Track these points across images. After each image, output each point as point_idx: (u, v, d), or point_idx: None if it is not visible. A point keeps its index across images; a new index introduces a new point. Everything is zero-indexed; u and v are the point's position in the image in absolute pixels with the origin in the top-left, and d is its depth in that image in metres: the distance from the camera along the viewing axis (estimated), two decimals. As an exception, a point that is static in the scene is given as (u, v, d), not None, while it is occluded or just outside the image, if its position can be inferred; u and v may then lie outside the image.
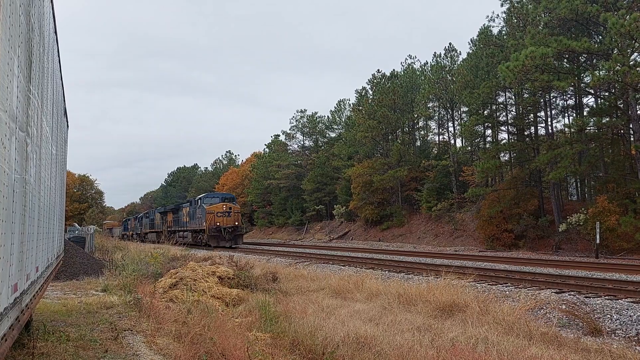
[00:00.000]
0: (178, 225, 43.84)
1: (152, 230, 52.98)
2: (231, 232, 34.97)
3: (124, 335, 7.22)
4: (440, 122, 46.88)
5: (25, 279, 3.44)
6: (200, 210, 37.00)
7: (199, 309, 8.78)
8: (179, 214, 44.07)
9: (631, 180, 24.68)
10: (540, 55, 22.20)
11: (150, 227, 54.05)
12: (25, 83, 3.15)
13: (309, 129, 60.25)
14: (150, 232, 53.32)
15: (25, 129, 3.18)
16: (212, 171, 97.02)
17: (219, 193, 42.48)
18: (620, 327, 8.62)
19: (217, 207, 35.78)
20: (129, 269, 13.87)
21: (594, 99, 29.81)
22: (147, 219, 56.84)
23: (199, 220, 37.09)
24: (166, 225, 46.89)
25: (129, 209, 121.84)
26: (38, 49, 3.85)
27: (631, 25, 19.93)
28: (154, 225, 52.79)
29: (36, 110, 3.86)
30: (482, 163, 30.26)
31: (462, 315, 9.26)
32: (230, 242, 34.67)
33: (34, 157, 3.83)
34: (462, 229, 35.68)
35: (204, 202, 36.96)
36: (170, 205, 53.25)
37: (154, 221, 52.95)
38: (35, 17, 3.56)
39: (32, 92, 3.51)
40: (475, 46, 35.70)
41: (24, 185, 3.18)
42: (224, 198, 38.10)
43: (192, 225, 39.14)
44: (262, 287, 12.20)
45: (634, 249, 22.11)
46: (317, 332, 7.49)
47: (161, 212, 50.86)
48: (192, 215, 39.40)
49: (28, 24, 3.18)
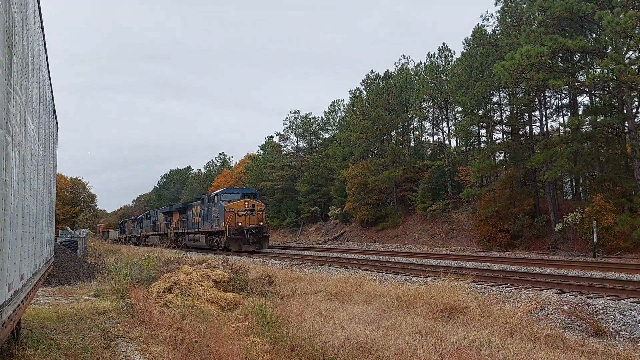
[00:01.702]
0: (186, 227, 38.99)
1: (154, 233, 48.66)
2: (255, 234, 29.87)
3: (117, 342, 6.97)
4: (434, 122, 46.82)
5: (6, 289, 3.20)
6: (217, 208, 31.82)
7: (194, 314, 8.54)
8: (187, 214, 39.19)
9: (627, 179, 24.63)
10: (535, 53, 22.10)
11: (152, 230, 49.66)
12: (5, 76, 2.91)
13: (302, 130, 60.03)
14: (152, 235, 48.88)
15: (4, 126, 2.94)
16: (205, 173, 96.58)
17: (239, 188, 36.37)
18: (625, 328, 8.46)
19: (237, 205, 30.51)
20: (122, 273, 13.59)
21: (589, 97, 29.79)
22: (148, 221, 52.26)
23: (216, 220, 32.01)
24: (172, 227, 42.64)
25: (121, 212, 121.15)
26: (20, 42, 3.62)
27: (626, 23, 19.87)
28: (156, 227, 48.52)
29: (19, 107, 3.62)
30: (477, 163, 30.17)
31: (463, 317, 9.08)
32: (254, 246, 29.71)
33: (17, 157, 3.59)
34: (457, 229, 35.57)
35: (222, 199, 31.60)
36: (176, 205, 48.76)
37: (157, 223, 48.50)
38: (16, 7, 3.33)
39: (14, 87, 3.27)
40: (469, 46, 35.61)
41: (3, 187, 2.94)
42: (244, 194, 32.68)
43: (206, 226, 33.96)
44: (258, 290, 11.97)
45: (630, 248, 22.05)
46: (316, 336, 7.28)
47: (165, 212, 46.09)
48: (205, 215, 34.27)
49: (7, 12, 2.95)
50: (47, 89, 7.30)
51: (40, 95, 5.86)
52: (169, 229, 43.05)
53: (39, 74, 5.62)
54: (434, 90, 40.47)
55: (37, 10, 5.08)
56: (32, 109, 4.85)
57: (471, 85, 31.24)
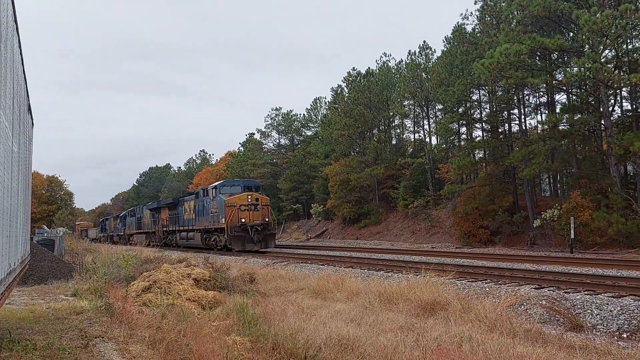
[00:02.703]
0: (178, 224, 35.92)
1: (139, 231, 45.83)
2: (260, 232, 26.91)
3: (95, 342, 6.85)
4: (415, 120, 47.13)
5: (-23, 288, 3.10)
6: (216, 202, 28.58)
7: (174, 313, 8.44)
8: (178, 210, 36.19)
9: (603, 176, 25.10)
10: (514, 52, 22.37)
11: (137, 228, 46.80)
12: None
13: (284, 127, 59.89)
14: (138, 234, 46.05)
15: (-25, 121, 2.84)
16: (185, 171, 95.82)
17: (240, 180, 32.61)
18: (601, 322, 8.61)
19: (239, 199, 27.18)
20: (100, 272, 13.39)
21: (567, 95, 30.28)
22: (132, 218, 49.26)
23: (214, 216, 28.75)
24: (160, 225, 39.66)
25: (99, 210, 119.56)
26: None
27: (603, 22, 20.22)
28: (141, 225, 45.64)
29: (-10, 102, 3.50)
30: (457, 160, 30.45)
31: (444, 313, 9.14)
32: (259, 245, 26.81)
33: (-11, 153, 3.47)
34: (438, 226, 35.88)
35: (222, 192, 28.38)
36: (165, 200, 45.30)
37: (142, 220, 45.54)
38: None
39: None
40: (449, 44, 35.89)
41: (-27, 184, 2.84)
42: (246, 186, 29.16)
43: (202, 223, 30.78)
44: (240, 288, 11.89)
45: (606, 244, 22.49)
46: (298, 334, 7.24)
47: (152, 208, 42.75)
48: (201, 211, 31.07)
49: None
50: (22, 84, 7.13)
51: (14, 90, 5.71)
52: (157, 227, 40.51)
53: (12, 69, 5.47)
54: (414, 88, 40.73)
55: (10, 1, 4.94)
56: (5, 104, 4.71)
57: (451, 83, 31.51)
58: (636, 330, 8.06)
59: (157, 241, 39.54)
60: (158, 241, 39.27)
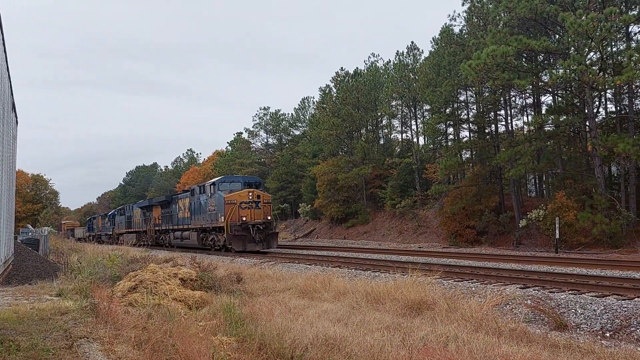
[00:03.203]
0: (171, 223, 34.39)
1: (129, 230, 44.43)
2: (262, 231, 25.52)
3: (80, 343, 6.78)
4: (403, 120, 47.30)
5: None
6: (214, 200, 27.01)
7: (160, 313, 8.38)
8: (171, 208, 34.71)
9: (588, 177, 25.41)
10: (501, 53, 22.55)
11: (126, 227, 45.40)
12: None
13: (272, 126, 59.79)
14: (128, 233, 44.52)
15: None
16: (172, 170, 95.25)
17: (240, 176, 30.76)
18: (585, 322, 8.71)
19: (240, 196, 25.71)
20: (86, 272, 13.25)
21: (552, 97, 30.59)
22: (121, 217, 47.80)
23: (212, 214, 27.24)
24: (152, 224, 38.32)
25: (85, 209, 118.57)
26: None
27: (588, 24, 20.46)
28: (131, 224, 44.40)
29: (-27, 100, 3.45)
30: (445, 160, 30.62)
31: (431, 312, 9.19)
32: (261, 245, 25.42)
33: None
34: (425, 226, 36.06)
35: (221, 189, 26.89)
36: (158, 198, 43.24)
37: (132, 219, 44.24)
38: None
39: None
40: (437, 45, 36.06)
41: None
42: (247, 183, 27.64)
43: (199, 221, 29.22)
44: (227, 288, 11.85)
45: (591, 244, 22.76)
46: (284, 334, 7.24)
47: (144, 206, 41.29)
48: (197, 209, 29.58)
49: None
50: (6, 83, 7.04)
51: (-3, 88, 5.64)
52: (149, 226, 39.10)
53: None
54: (402, 89, 40.88)
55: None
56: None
57: (439, 84, 31.67)
58: (619, 329, 8.18)
59: (148, 241, 38.37)
60: (150, 241, 38.16)
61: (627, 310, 8.63)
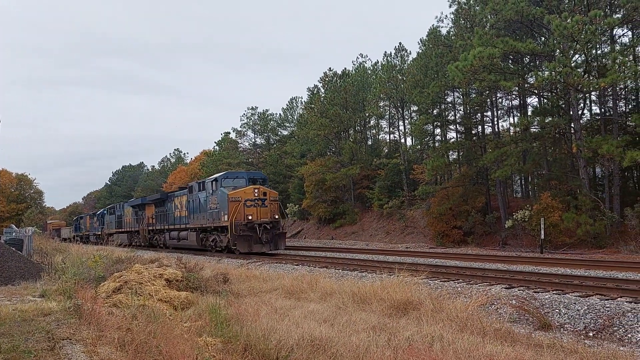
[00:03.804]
0: (166, 223, 32.46)
1: (120, 230, 42.59)
2: (270, 231, 23.69)
3: (62, 344, 6.69)
4: (391, 121, 47.47)
5: None
6: (216, 197, 25.10)
7: (145, 314, 8.30)
8: (167, 207, 32.83)
9: (572, 178, 25.68)
10: (487, 55, 22.71)
11: (117, 226, 43.50)
12: None
13: (260, 126, 59.59)
14: (119, 233, 42.56)
15: None
16: (159, 169, 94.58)
17: (244, 172, 28.27)
18: (569, 321, 8.80)
19: (245, 193, 23.81)
20: (70, 273, 13.09)
21: (538, 99, 30.87)
22: (111, 216, 45.92)
23: (214, 212, 25.29)
24: (144, 223, 36.40)
25: (70, 209, 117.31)
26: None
27: (573, 27, 20.69)
28: (122, 224, 42.56)
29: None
30: (432, 161, 30.77)
31: (417, 313, 9.22)
32: (268, 246, 23.61)
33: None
34: (412, 226, 36.19)
35: (224, 185, 24.93)
36: (152, 196, 40.79)
37: (123, 218, 42.37)
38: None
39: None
40: (424, 46, 36.24)
41: None
42: (252, 179, 25.72)
43: (198, 220, 27.22)
44: (213, 289, 11.78)
45: (575, 244, 23.00)
46: (270, 335, 7.22)
47: (135, 205, 39.25)
48: (196, 207, 27.58)
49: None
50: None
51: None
52: (141, 226, 37.19)
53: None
54: (390, 89, 40.98)
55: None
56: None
57: (426, 85, 31.81)
58: (602, 329, 8.27)
59: (141, 241, 37.03)
60: (143, 241, 36.75)
61: (610, 310, 8.73)
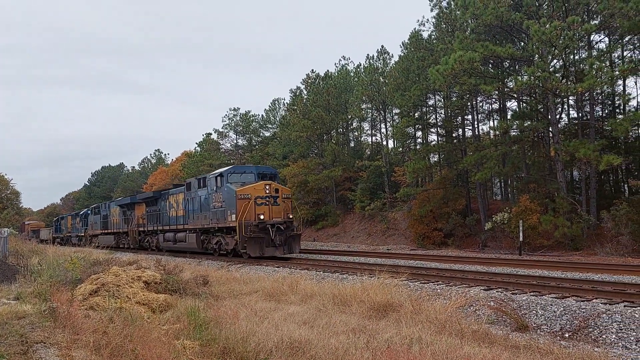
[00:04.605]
0: (160, 223, 30.04)
1: (106, 232, 40.09)
2: (283, 232, 21.30)
3: (36, 348, 6.58)
4: (373, 123, 47.64)
5: None
6: (222, 194, 22.50)
7: (122, 317, 8.19)
8: (160, 206, 30.39)
9: (550, 181, 26.06)
10: (468, 59, 22.93)
11: (102, 227, 40.91)
12: None
13: (242, 127, 59.29)
14: (104, 234, 40.23)
15: None
16: (139, 170, 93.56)
17: (252, 166, 25.47)
18: (545, 323, 8.91)
19: (255, 189, 21.41)
20: (46, 275, 12.86)
21: (517, 103, 31.29)
22: (96, 216, 43.19)
23: (219, 212, 22.73)
24: (134, 224, 34.11)
25: (48, 210, 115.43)
26: None
27: (552, 33, 21.01)
28: (108, 224, 39.96)
29: None
30: (413, 164, 30.97)
31: (396, 314, 9.25)
32: (282, 249, 21.24)
33: None
34: (394, 228, 36.37)
35: (230, 181, 22.43)
36: (143, 194, 37.47)
37: (109, 218, 39.89)
38: None
39: None
40: (406, 49, 36.47)
41: None
42: (261, 174, 23.23)
43: (199, 221, 24.69)
44: (192, 291, 11.67)
45: (553, 246, 23.34)
46: (249, 337, 7.17)
47: (124, 204, 36.54)
48: (197, 206, 25.03)
49: None
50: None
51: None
52: (130, 226, 34.84)
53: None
54: (372, 92, 41.15)
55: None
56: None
57: (408, 88, 32.03)
58: (577, 330, 8.39)
59: (130, 243, 34.78)
60: (132, 243, 34.47)
61: (585, 311, 8.86)
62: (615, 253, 20.47)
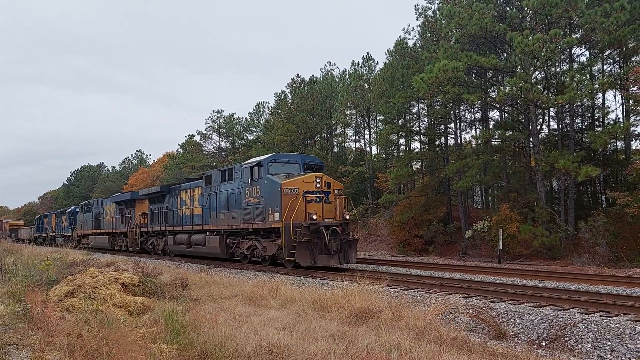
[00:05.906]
0: (168, 223, 26.08)
1: (98, 232, 36.10)
2: (338, 236, 17.19)
3: (7, 350, 6.41)
4: (357, 129, 47.84)
5: None
6: (262, 187, 18.15)
7: (98, 319, 8.04)
8: (168, 203, 26.47)
9: (530, 190, 26.41)
10: (452, 68, 23.18)
11: (94, 226, 36.86)
12: None
13: (225, 130, 58.99)
14: (96, 235, 36.36)
15: None
16: (120, 171, 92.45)
17: (295, 154, 21.22)
18: (523, 331, 8.99)
19: (304, 183, 17.23)
20: (20, 275, 12.58)
21: (499, 113, 31.71)
22: (87, 214, 38.73)
23: (254, 209, 18.49)
24: (134, 223, 30.21)
25: (25, 209, 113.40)
26: None
27: (534, 44, 21.34)
28: (101, 224, 35.83)
29: None
30: (396, 170, 31.11)
31: (376, 321, 9.24)
32: (337, 258, 17.13)
33: None
34: (375, 234, 36.47)
35: (272, 171, 18.16)
36: (145, 189, 32.51)
37: (103, 217, 35.65)
38: None
39: None
40: (391, 57, 36.75)
41: None
42: (307, 164, 19.13)
43: (226, 220, 20.47)
44: (171, 294, 11.52)
45: (531, 255, 23.62)
46: (227, 342, 7.09)
47: (121, 201, 32.66)
48: (221, 202, 20.89)
49: None
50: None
51: None
52: (129, 226, 30.84)
53: None
54: (357, 98, 41.33)
55: None
56: None
57: (392, 95, 32.23)
58: (554, 339, 8.47)
59: (129, 246, 30.91)
60: (131, 246, 30.57)
61: (562, 320, 8.96)
62: (592, 263, 20.77)
